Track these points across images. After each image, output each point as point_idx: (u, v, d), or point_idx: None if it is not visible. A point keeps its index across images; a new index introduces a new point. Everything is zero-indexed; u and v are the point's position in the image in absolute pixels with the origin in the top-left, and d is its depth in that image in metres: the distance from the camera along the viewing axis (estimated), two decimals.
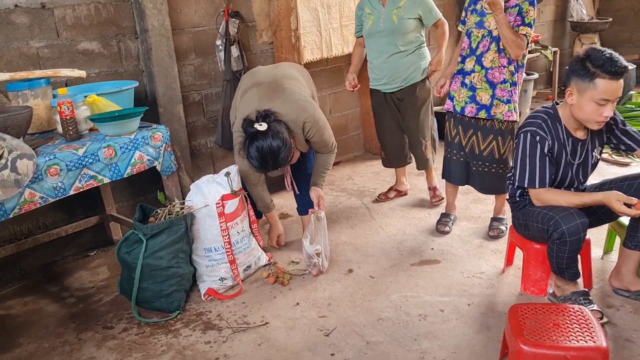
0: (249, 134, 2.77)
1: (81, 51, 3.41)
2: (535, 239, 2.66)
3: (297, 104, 2.95)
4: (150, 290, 2.77)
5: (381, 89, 3.82)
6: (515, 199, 2.75)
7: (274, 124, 2.78)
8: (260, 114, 2.80)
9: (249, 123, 2.79)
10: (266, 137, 2.73)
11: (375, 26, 3.63)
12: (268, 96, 2.96)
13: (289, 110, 2.90)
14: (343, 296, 2.87)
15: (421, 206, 3.96)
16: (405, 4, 3.56)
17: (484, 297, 2.78)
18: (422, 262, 3.17)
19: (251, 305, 2.84)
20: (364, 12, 3.70)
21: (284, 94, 2.97)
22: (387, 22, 3.58)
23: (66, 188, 2.60)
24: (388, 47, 3.64)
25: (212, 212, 2.85)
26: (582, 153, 2.60)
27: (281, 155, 2.77)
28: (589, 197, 2.46)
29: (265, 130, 2.74)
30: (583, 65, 2.38)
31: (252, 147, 2.76)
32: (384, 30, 3.60)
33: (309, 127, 2.97)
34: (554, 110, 2.56)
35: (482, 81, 3.15)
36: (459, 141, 3.33)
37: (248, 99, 3.01)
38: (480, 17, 3.14)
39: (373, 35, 3.68)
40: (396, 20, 3.56)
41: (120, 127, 2.78)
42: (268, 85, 3.04)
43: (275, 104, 2.90)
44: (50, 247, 3.46)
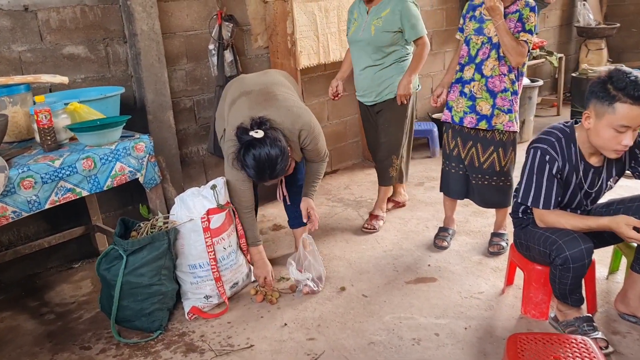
0: (244, 142, 2.62)
1: (66, 56, 3.29)
2: (537, 260, 2.51)
3: (292, 111, 2.80)
4: (131, 308, 2.63)
5: (361, 100, 3.68)
6: (518, 214, 2.60)
7: (271, 131, 2.63)
8: (255, 121, 2.65)
9: (243, 131, 2.63)
10: (263, 144, 2.57)
11: (356, 34, 3.47)
12: (260, 104, 2.81)
13: (284, 118, 2.75)
14: (334, 317, 2.72)
15: (419, 219, 3.81)
16: (386, 15, 3.35)
17: (482, 320, 2.63)
18: (417, 279, 3.02)
19: (237, 325, 2.70)
20: (352, 16, 3.55)
21: (277, 101, 2.83)
22: (365, 32, 3.40)
23: (41, 202, 2.47)
24: (364, 58, 3.48)
25: (197, 227, 2.71)
26: (595, 181, 2.43)
27: (279, 164, 2.62)
28: (595, 221, 2.29)
29: (262, 138, 2.58)
30: (604, 87, 2.18)
31: (249, 155, 2.59)
32: (362, 40, 3.43)
33: (305, 135, 2.81)
34: (570, 130, 2.39)
35: (482, 90, 3.01)
36: (457, 153, 3.18)
37: (238, 109, 2.86)
38: (479, 24, 3.00)
39: (353, 43, 3.53)
40: (373, 32, 3.37)
41: (101, 137, 2.64)
42: (258, 93, 2.89)
43: (269, 111, 2.75)
44: (33, 258, 3.33)
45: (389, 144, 3.60)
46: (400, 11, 3.33)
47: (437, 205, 3.97)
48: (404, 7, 3.34)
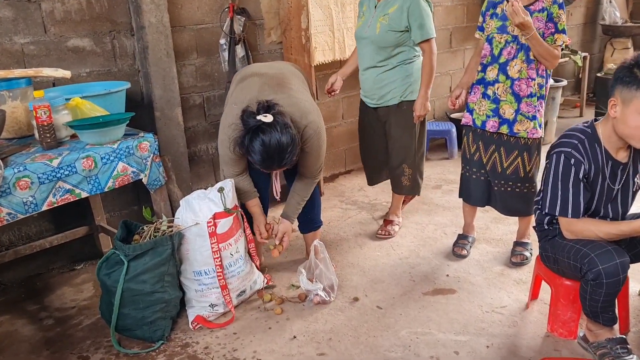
0: (250, 126, 2.37)
1: (71, 48, 3.15)
2: (566, 275, 2.33)
3: (303, 105, 2.60)
4: (132, 317, 2.49)
5: (364, 100, 3.40)
6: (543, 226, 2.41)
7: (280, 117, 2.40)
8: (262, 105, 2.41)
9: (249, 114, 2.39)
10: (273, 130, 2.34)
11: (362, 30, 3.20)
12: (271, 87, 2.60)
13: (293, 109, 2.54)
14: (346, 330, 2.56)
15: (436, 224, 3.63)
16: (394, 11, 3.04)
17: (505, 337, 2.45)
18: (435, 291, 2.85)
19: (243, 337, 2.55)
20: (362, 9, 3.28)
21: (290, 90, 2.63)
22: (371, 29, 3.12)
23: (38, 203, 2.33)
24: (367, 57, 3.20)
25: (203, 232, 2.56)
26: (622, 178, 2.26)
27: (289, 152, 2.39)
28: (628, 225, 2.12)
29: (271, 122, 2.35)
30: (630, 71, 2.04)
31: (256, 140, 2.35)
32: (367, 37, 3.15)
33: (309, 134, 2.59)
34: (592, 129, 2.22)
35: (507, 93, 2.82)
36: (479, 158, 2.99)
37: (246, 86, 2.63)
38: (502, 22, 2.81)
39: (359, 39, 3.27)
40: (378, 30, 3.08)
41: (102, 135, 2.50)
42: (272, 76, 2.68)
43: (279, 97, 2.53)
44: (34, 259, 3.21)
45: (398, 152, 3.32)
46: (409, 7, 3.00)
47: (456, 210, 3.80)
48: (413, 3, 3.00)
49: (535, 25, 2.72)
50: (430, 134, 4.99)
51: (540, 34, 2.73)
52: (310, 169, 2.74)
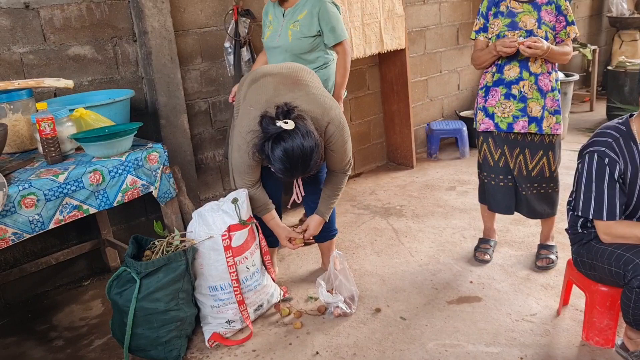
0: (271, 134, 2.22)
1: (72, 57, 3.03)
2: (605, 281, 2.21)
3: (323, 101, 2.45)
4: (146, 337, 2.37)
5: None
6: (576, 229, 2.30)
7: (301, 121, 2.25)
8: (282, 110, 2.26)
9: (268, 121, 2.23)
10: (295, 136, 2.19)
11: (272, 39, 3.02)
12: (287, 86, 2.46)
13: (313, 107, 2.39)
14: (370, 343, 2.45)
15: (454, 228, 3.51)
16: (303, 18, 2.93)
17: (539, 347, 2.34)
18: (460, 299, 2.73)
19: (263, 354, 2.43)
20: (267, 18, 3.09)
21: (307, 87, 2.48)
22: (282, 38, 2.97)
23: (45, 221, 2.21)
24: None
25: (218, 245, 2.44)
26: None
27: (313, 158, 2.24)
28: None
29: (293, 129, 2.20)
30: None
31: (278, 148, 2.20)
32: (279, 46, 2.99)
33: (332, 131, 2.45)
34: (626, 126, 2.10)
35: (532, 89, 2.71)
36: (505, 164, 2.85)
37: (260, 87, 2.49)
38: (510, 18, 2.70)
39: (269, 49, 3.07)
40: (290, 38, 2.95)
41: (109, 147, 2.38)
42: (286, 76, 2.54)
43: (296, 95, 2.39)
44: (40, 276, 3.09)
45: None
46: (319, 12, 2.92)
47: (473, 212, 3.68)
48: (322, 7, 2.91)
49: (546, 19, 2.65)
50: (440, 133, 4.88)
51: (551, 27, 2.65)
52: (338, 165, 2.60)
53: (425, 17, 4.83)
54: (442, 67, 5.14)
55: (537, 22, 2.65)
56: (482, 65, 2.82)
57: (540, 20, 2.65)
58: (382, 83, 4.67)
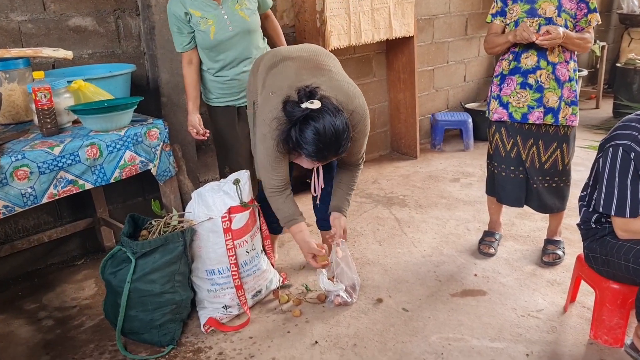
0: (298, 117, 2.06)
1: (72, 28, 2.92)
2: (617, 278, 2.13)
3: (347, 87, 2.30)
4: (140, 319, 2.29)
5: (236, 104, 2.89)
6: (589, 225, 2.22)
7: (327, 100, 2.10)
8: (304, 92, 2.10)
9: (292, 104, 2.08)
10: (325, 114, 2.04)
11: (223, 32, 2.67)
12: (309, 70, 2.31)
13: (337, 92, 2.22)
14: (371, 334, 2.37)
15: (458, 220, 3.43)
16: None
17: (545, 344, 2.26)
18: (464, 292, 2.66)
19: (260, 342, 2.35)
20: (193, 17, 2.64)
21: (330, 72, 2.34)
22: (237, 23, 2.69)
23: (37, 195, 2.12)
24: (245, 52, 2.77)
25: (217, 227, 2.36)
26: None
27: (345, 136, 2.09)
28: None
29: (320, 108, 2.05)
30: None
31: (307, 129, 2.04)
32: (237, 33, 2.71)
33: (356, 121, 2.31)
34: None
35: (550, 79, 2.62)
36: (517, 155, 2.76)
37: (280, 72, 2.33)
38: (529, 5, 2.60)
39: (223, 43, 2.71)
40: (248, 17, 2.72)
41: (108, 121, 2.28)
42: (307, 59, 2.39)
43: (319, 81, 2.22)
44: (31, 254, 3.00)
45: None
46: None
47: (477, 204, 3.61)
48: None
49: (567, 6, 2.56)
50: (445, 124, 4.79)
51: (572, 15, 2.56)
52: (354, 157, 2.48)
53: (435, 5, 4.73)
54: (449, 57, 5.04)
55: (557, 10, 2.56)
56: (494, 50, 2.73)
57: (561, 8, 2.56)
58: (388, 71, 4.57)
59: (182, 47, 2.71)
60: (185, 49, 2.72)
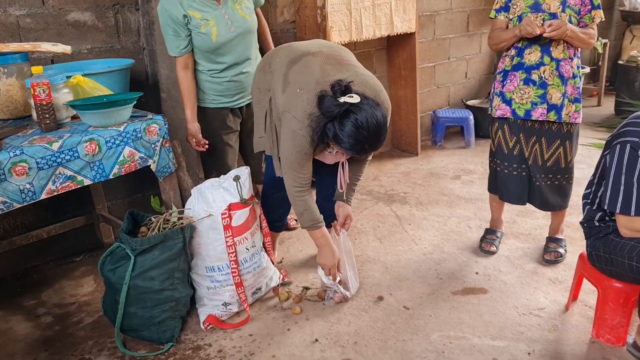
0: (336, 112, 2.05)
1: (71, 22, 2.90)
2: (620, 276, 2.12)
3: (373, 82, 2.27)
4: (139, 316, 2.27)
5: (229, 105, 2.83)
6: (593, 223, 2.20)
7: (363, 95, 2.10)
8: (339, 87, 2.09)
9: (329, 100, 2.07)
10: (366, 107, 2.04)
11: (225, 33, 2.62)
12: (333, 66, 2.26)
13: (364, 88, 2.19)
14: (372, 332, 2.35)
15: (459, 217, 3.42)
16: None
17: (547, 343, 2.25)
18: (465, 290, 2.64)
19: (260, 339, 2.34)
20: (192, 19, 2.56)
21: (354, 67, 2.31)
22: (238, 23, 2.66)
23: (36, 191, 2.10)
24: (245, 52, 2.75)
25: (217, 224, 2.34)
26: None
27: (385, 129, 2.10)
28: None
29: (360, 102, 2.05)
30: None
31: (348, 123, 2.03)
32: (240, 34, 2.68)
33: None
34: None
35: (553, 76, 2.60)
36: (519, 152, 2.74)
37: (304, 68, 2.28)
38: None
39: (225, 45, 2.66)
40: (248, 17, 2.70)
41: (107, 116, 2.26)
42: (328, 55, 2.34)
43: (345, 76, 2.17)
44: (30, 250, 2.98)
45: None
46: None
47: (478, 202, 3.59)
48: None
49: (571, 2, 2.54)
50: (446, 121, 4.77)
51: (576, 11, 2.54)
52: None
53: (436, 1, 4.70)
54: (450, 54, 5.01)
55: (561, 5, 2.54)
56: (499, 46, 2.70)
57: (565, 3, 2.54)
58: (389, 67, 4.55)
59: (178, 51, 2.62)
60: (182, 52, 2.63)
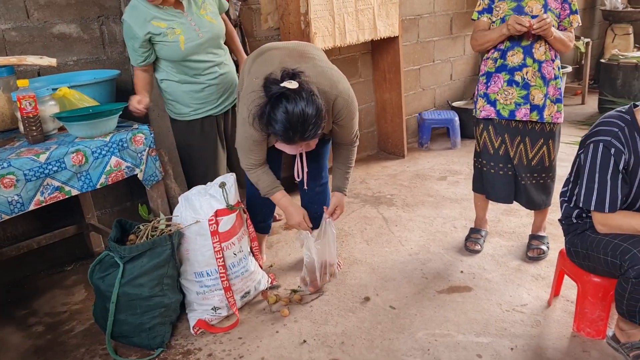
0: (273, 93, 2.12)
1: (57, 35, 2.94)
2: (597, 271, 2.18)
3: (331, 73, 2.36)
4: (129, 323, 2.31)
5: (215, 112, 2.88)
6: (570, 220, 2.26)
7: (306, 84, 2.16)
8: (287, 72, 2.16)
9: (272, 82, 2.14)
10: (299, 98, 2.09)
11: (194, 39, 2.65)
12: (293, 58, 2.35)
13: (320, 78, 2.28)
14: (359, 332, 2.40)
15: (445, 218, 3.47)
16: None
17: (529, 338, 2.30)
18: (450, 288, 2.70)
19: (249, 342, 2.38)
20: (159, 32, 2.58)
21: (314, 60, 2.39)
22: (205, 28, 2.69)
23: (24, 202, 2.13)
24: (218, 56, 2.81)
25: (204, 230, 2.38)
26: None
27: (313, 122, 2.13)
28: None
29: (297, 89, 2.10)
30: None
31: (279, 108, 2.10)
32: (209, 39, 2.71)
33: (342, 105, 2.36)
34: (630, 116, 2.05)
35: (536, 77, 2.66)
36: (505, 152, 2.79)
37: (265, 60, 2.37)
38: (516, 2, 2.64)
39: (196, 50, 2.68)
40: (215, 21, 2.74)
41: (93, 127, 2.30)
42: (292, 49, 2.45)
43: (303, 66, 2.26)
44: (20, 261, 3.00)
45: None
46: None
47: (464, 202, 3.64)
48: None
49: (552, 5, 2.60)
50: (432, 122, 4.83)
51: (557, 14, 2.61)
52: (347, 138, 2.55)
53: (419, 5, 4.77)
54: (435, 56, 5.08)
55: (543, 8, 2.60)
56: (483, 46, 2.74)
57: (547, 7, 2.60)
58: (374, 71, 4.61)
59: (136, 63, 2.69)
60: (140, 65, 2.69)
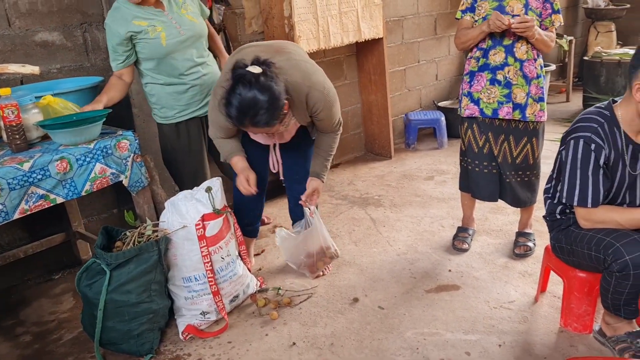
0: (235, 74, 2.15)
1: (39, 43, 2.92)
2: (582, 266, 2.20)
3: (305, 65, 2.37)
4: (117, 330, 2.30)
5: (200, 113, 2.87)
6: (555, 216, 2.28)
7: (271, 73, 2.17)
8: (258, 59, 2.19)
9: (240, 66, 2.17)
10: (254, 81, 2.11)
11: (175, 36, 2.65)
12: (268, 53, 2.34)
13: (294, 71, 2.32)
14: (348, 333, 2.41)
15: (432, 217, 3.49)
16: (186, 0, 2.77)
17: (517, 334, 2.32)
18: (439, 287, 2.71)
19: (239, 346, 2.38)
20: (140, 30, 2.59)
21: (290, 53, 2.40)
22: (187, 26, 2.69)
23: (9, 212, 2.12)
24: (200, 56, 2.80)
25: (191, 235, 2.38)
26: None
27: (262, 114, 2.14)
28: None
29: (257, 75, 2.12)
30: None
31: (235, 94, 2.13)
32: (189, 37, 2.70)
33: (316, 97, 2.37)
34: (610, 112, 2.08)
35: (517, 76, 2.68)
36: (489, 150, 2.82)
37: (241, 57, 2.36)
38: (498, 2, 2.67)
39: (176, 48, 2.68)
40: (196, 20, 2.75)
41: (77, 134, 2.29)
42: (268, 45, 2.50)
43: (277, 59, 2.28)
44: (7, 271, 2.98)
45: None
46: None
47: (451, 201, 3.67)
48: None
49: (533, 5, 2.63)
50: (418, 123, 4.86)
51: (538, 14, 2.63)
52: (327, 128, 2.57)
53: (403, 7, 4.80)
54: (420, 57, 5.11)
55: (524, 8, 2.62)
56: (466, 44, 2.76)
57: (528, 6, 2.62)
58: (359, 73, 4.63)
59: (115, 65, 2.70)
60: (119, 67, 2.70)
